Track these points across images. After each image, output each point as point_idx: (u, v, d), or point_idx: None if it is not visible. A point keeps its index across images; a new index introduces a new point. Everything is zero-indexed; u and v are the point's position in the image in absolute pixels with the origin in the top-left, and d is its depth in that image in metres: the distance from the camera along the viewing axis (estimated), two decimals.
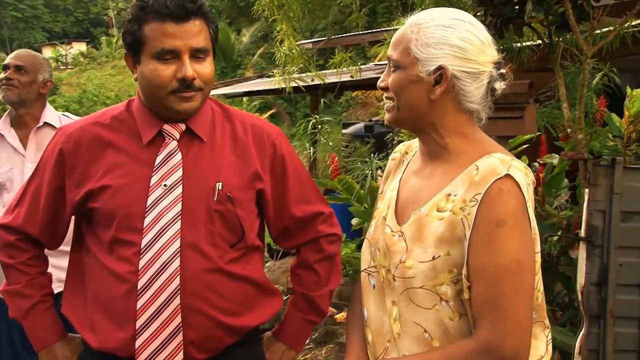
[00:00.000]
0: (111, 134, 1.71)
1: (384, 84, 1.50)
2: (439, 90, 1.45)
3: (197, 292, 1.63)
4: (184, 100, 1.63)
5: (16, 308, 1.77)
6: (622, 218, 2.87)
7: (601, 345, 2.88)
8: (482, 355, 1.35)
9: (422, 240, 1.43)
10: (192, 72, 1.60)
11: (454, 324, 1.41)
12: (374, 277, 1.56)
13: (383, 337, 1.51)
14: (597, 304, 2.87)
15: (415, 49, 1.43)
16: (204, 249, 1.65)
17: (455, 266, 1.40)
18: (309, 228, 1.86)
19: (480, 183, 1.39)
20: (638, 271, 2.91)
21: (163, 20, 1.59)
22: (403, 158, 1.67)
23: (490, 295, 1.35)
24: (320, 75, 4.62)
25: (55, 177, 1.72)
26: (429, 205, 1.46)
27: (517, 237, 1.37)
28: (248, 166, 1.73)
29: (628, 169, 2.89)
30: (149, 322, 1.60)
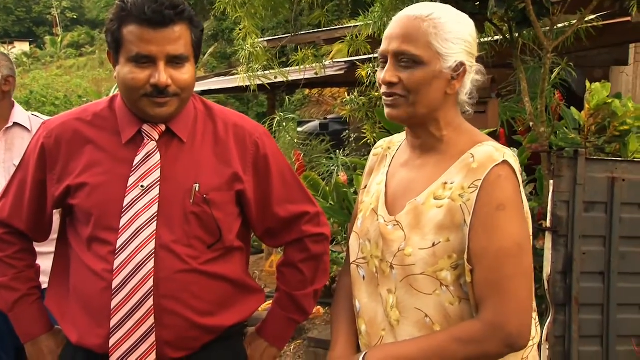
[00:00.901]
0: (92, 130, 1.69)
1: (396, 79, 1.44)
2: (458, 85, 1.48)
3: (171, 294, 1.62)
4: (157, 106, 1.61)
5: (2, 300, 1.76)
6: (585, 208, 2.95)
7: (567, 331, 2.95)
8: (488, 335, 1.38)
9: (421, 228, 1.45)
10: (165, 79, 1.57)
11: (455, 308, 1.44)
12: (363, 268, 1.57)
13: (377, 326, 1.52)
14: (562, 292, 2.94)
15: (436, 43, 1.43)
16: (179, 250, 1.63)
17: (455, 252, 1.42)
18: (294, 228, 1.84)
19: (478, 170, 1.42)
20: (600, 259, 2.99)
21: (140, 25, 1.56)
22: (386, 153, 1.68)
23: (493, 278, 1.38)
24: (283, 72, 4.60)
25: (38, 171, 1.71)
26: (426, 194, 1.48)
27: (516, 220, 1.41)
28: (227, 167, 1.71)
29: (590, 160, 2.96)
30: (123, 321, 1.59)
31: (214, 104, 1.85)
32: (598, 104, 3.41)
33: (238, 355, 1.82)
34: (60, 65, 31.31)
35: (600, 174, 2.96)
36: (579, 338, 2.96)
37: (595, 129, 3.48)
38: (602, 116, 3.49)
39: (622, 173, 2.99)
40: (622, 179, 2.98)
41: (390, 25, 1.50)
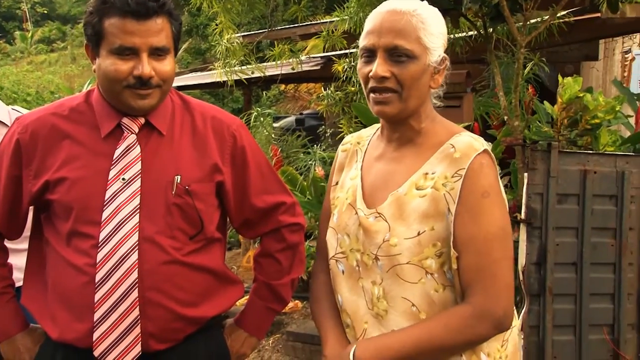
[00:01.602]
0: (69, 125, 1.67)
1: (388, 73, 1.45)
2: (440, 79, 1.52)
3: (155, 285, 1.61)
4: (139, 97, 1.60)
5: None
6: (558, 200, 2.99)
7: (541, 321, 2.99)
8: (478, 318, 1.40)
9: (405, 218, 1.46)
10: (149, 71, 1.57)
11: (439, 295, 1.46)
12: (342, 263, 1.57)
13: (360, 319, 1.53)
14: (537, 283, 2.98)
15: (425, 38, 1.45)
16: (162, 242, 1.63)
17: (439, 240, 1.44)
18: (271, 218, 1.86)
19: (461, 159, 1.44)
20: (573, 250, 3.03)
21: (123, 17, 1.55)
22: (356, 148, 1.69)
23: (482, 263, 1.41)
24: (260, 67, 4.59)
25: (12, 168, 1.68)
26: (407, 185, 1.49)
27: (500, 206, 1.46)
28: (207, 158, 1.71)
29: (562, 153, 3.00)
30: (107, 315, 1.58)
31: (190, 97, 1.85)
32: (570, 98, 3.45)
33: (219, 346, 1.83)
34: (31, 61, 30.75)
35: (572, 167, 3.01)
36: (553, 327, 3.00)
37: (568, 122, 3.53)
38: (574, 110, 3.53)
39: (593, 165, 3.04)
40: (593, 171, 3.03)
41: (374, 19, 1.50)
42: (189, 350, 1.72)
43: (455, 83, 3.42)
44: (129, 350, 1.61)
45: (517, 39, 3.28)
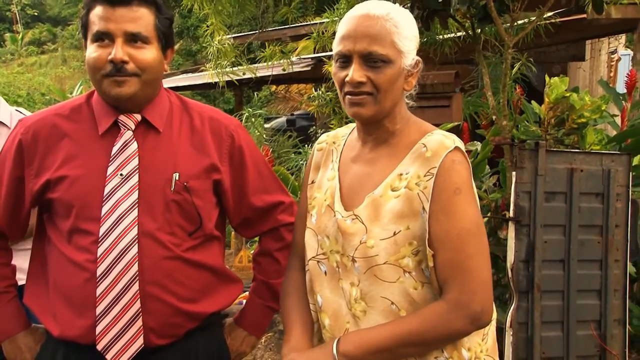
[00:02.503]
0: (69, 124, 1.70)
1: (364, 78, 1.46)
2: (414, 81, 1.54)
3: (156, 280, 1.63)
4: (116, 85, 1.61)
5: None
6: (546, 198, 3.01)
7: (529, 318, 3.00)
8: (454, 313, 1.41)
9: (380, 219, 1.47)
10: (121, 55, 1.58)
11: (418, 292, 1.47)
12: (324, 264, 1.58)
13: (342, 318, 1.53)
14: (525, 280, 3.00)
15: (399, 42, 1.46)
16: (161, 237, 1.65)
17: (415, 238, 1.45)
18: (269, 217, 1.87)
19: (432, 158, 1.45)
20: (560, 247, 3.05)
21: (102, 4, 1.60)
22: (331, 148, 1.69)
23: (456, 259, 1.42)
24: (252, 68, 4.60)
25: (15, 168, 1.70)
26: (382, 187, 1.50)
27: (472, 202, 1.47)
28: (205, 157, 1.73)
29: (550, 152, 3.02)
30: (108, 309, 1.59)
31: (188, 99, 1.86)
32: (557, 97, 3.47)
33: (219, 344, 1.84)
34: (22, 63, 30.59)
35: (559, 165, 3.03)
36: (541, 324, 3.02)
37: (555, 121, 3.54)
38: (561, 109, 3.55)
39: (580, 164, 3.06)
40: (580, 170, 3.05)
41: (348, 23, 1.49)
42: (189, 348, 1.73)
43: (445, 83, 3.44)
44: (131, 344, 1.62)
45: (505, 39, 3.30)
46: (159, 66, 1.70)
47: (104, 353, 1.61)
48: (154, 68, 1.67)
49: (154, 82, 1.71)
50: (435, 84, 1.92)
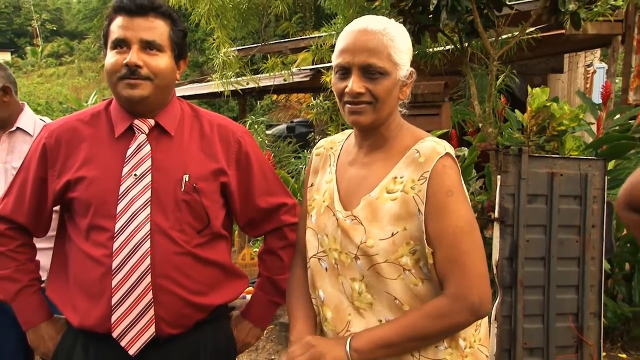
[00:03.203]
0: (89, 129, 1.70)
1: (363, 89, 1.45)
2: (408, 91, 1.53)
3: (166, 273, 1.62)
4: (130, 87, 1.61)
5: (5, 291, 1.75)
6: (528, 200, 3.00)
7: (513, 311, 2.99)
8: (455, 307, 1.41)
9: (378, 221, 1.46)
10: (135, 59, 1.59)
11: (419, 288, 1.46)
12: (324, 261, 1.57)
13: (344, 312, 1.52)
14: (509, 276, 2.98)
15: (395, 55, 1.46)
16: (172, 234, 1.64)
17: (412, 238, 1.44)
18: (273, 218, 1.86)
19: (425, 163, 1.45)
20: (542, 246, 3.04)
21: (120, 15, 1.63)
22: (329, 153, 1.68)
23: (452, 255, 1.42)
24: (254, 79, 4.59)
25: (39, 169, 1.71)
26: (378, 189, 1.49)
27: (464, 202, 1.46)
28: (213, 161, 1.72)
29: (532, 157, 3.02)
30: (122, 299, 1.59)
31: (199, 107, 1.86)
32: (538, 107, 3.47)
33: (227, 336, 1.83)
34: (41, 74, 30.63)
35: (541, 170, 3.02)
36: (523, 317, 3.01)
37: (536, 129, 3.55)
38: (542, 118, 3.55)
39: (559, 168, 3.06)
40: (559, 174, 3.05)
41: (347, 37, 1.48)
42: (199, 338, 1.72)
43: (434, 93, 3.43)
44: (144, 332, 1.61)
45: (490, 52, 3.30)
46: (171, 74, 1.70)
47: (119, 340, 1.60)
48: (166, 74, 1.67)
49: (165, 88, 1.70)
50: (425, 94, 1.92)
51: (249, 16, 4.32)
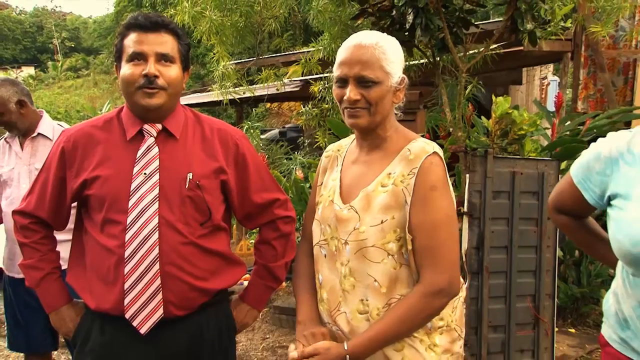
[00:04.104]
0: (102, 133, 1.69)
1: (359, 96, 1.46)
2: (401, 96, 1.53)
3: (173, 261, 1.61)
4: (147, 96, 1.60)
5: (30, 278, 1.76)
6: (493, 196, 3.00)
7: (479, 294, 3.00)
8: (428, 294, 1.42)
9: (371, 210, 1.46)
10: (154, 70, 1.59)
11: (397, 272, 1.46)
12: (325, 248, 1.57)
13: (336, 293, 1.52)
14: (476, 263, 2.99)
15: (386, 66, 1.46)
16: (178, 226, 1.63)
17: (399, 227, 1.44)
18: (268, 212, 1.84)
19: (414, 160, 1.45)
20: (504, 236, 3.05)
21: (135, 31, 1.61)
22: (336, 155, 1.68)
23: (430, 244, 1.42)
24: (250, 89, 4.56)
25: (58, 170, 1.70)
26: (374, 184, 1.49)
27: (446, 197, 1.45)
28: (214, 161, 1.71)
29: (496, 158, 3.01)
30: (134, 285, 1.59)
31: (201, 113, 1.85)
32: (501, 114, 3.47)
33: (227, 317, 1.82)
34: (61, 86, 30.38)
35: (504, 169, 3.03)
36: (489, 299, 3.01)
37: (500, 133, 3.55)
38: (505, 123, 3.55)
39: (520, 168, 3.06)
40: (520, 173, 3.05)
41: (345, 51, 1.50)
42: (202, 320, 1.71)
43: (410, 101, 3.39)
44: (153, 314, 1.60)
45: (459, 66, 3.29)
46: (181, 83, 1.69)
47: (131, 321, 1.59)
48: (178, 84, 1.66)
49: (176, 95, 1.69)
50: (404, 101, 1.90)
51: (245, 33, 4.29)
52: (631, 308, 1.41)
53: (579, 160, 1.54)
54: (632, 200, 1.36)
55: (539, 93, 8.77)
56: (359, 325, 1.47)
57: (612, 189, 1.43)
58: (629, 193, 1.37)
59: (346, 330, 1.49)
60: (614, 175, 1.42)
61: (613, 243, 1.39)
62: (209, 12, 4.08)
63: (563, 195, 1.61)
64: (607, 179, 1.45)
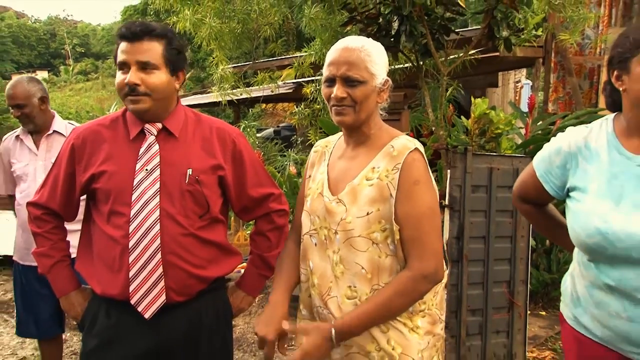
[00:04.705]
0: (108, 132, 1.68)
1: (345, 94, 1.45)
2: (385, 96, 1.51)
3: (173, 251, 1.60)
4: (132, 102, 1.59)
5: (42, 265, 1.76)
6: (472, 190, 2.98)
7: (459, 280, 2.98)
8: (417, 279, 1.40)
9: (357, 202, 1.45)
10: (133, 79, 1.55)
11: (382, 260, 1.44)
12: (315, 237, 1.55)
13: (327, 279, 1.50)
14: (456, 252, 2.97)
15: (370, 67, 1.45)
16: (178, 219, 1.62)
17: (384, 218, 1.42)
18: (263, 205, 1.83)
19: (398, 156, 1.43)
20: (482, 227, 3.03)
21: (121, 40, 1.60)
22: (324, 150, 1.66)
23: (415, 235, 1.40)
24: (247, 91, 4.51)
25: (68, 165, 1.69)
26: (360, 177, 1.48)
27: (429, 191, 1.43)
28: (212, 157, 1.69)
29: (475, 155, 2.99)
30: (138, 273, 1.58)
31: (201, 113, 1.82)
32: (480, 114, 3.46)
33: (224, 302, 1.81)
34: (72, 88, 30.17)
35: (482, 165, 3.01)
36: (468, 285, 3.00)
37: (478, 132, 3.54)
38: (483, 123, 3.54)
39: (497, 164, 3.05)
40: (497, 168, 3.04)
41: (333, 53, 1.49)
42: (201, 306, 1.70)
43: (396, 102, 3.38)
44: (157, 299, 1.59)
45: (441, 69, 3.27)
46: (168, 87, 1.64)
47: (136, 306, 1.59)
48: (162, 89, 1.61)
49: (164, 99, 1.65)
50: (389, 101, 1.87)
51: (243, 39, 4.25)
52: (584, 288, 1.44)
53: (541, 154, 1.56)
54: (588, 193, 1.38)
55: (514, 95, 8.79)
56: (348, 310, 1.45)
57: (571, 182, 1.45)
58: (586, 187, 1.39)
59: (337, 315, 1.47)
60: (572, 170, 1.45)
61: (571, 232, 1.42)
62: (208, 19, 4.04)
63: (526, 185, 1.62)
64: (567, 173, 1.46)
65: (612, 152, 1.38)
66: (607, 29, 5.94)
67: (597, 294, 1.39)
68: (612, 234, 1.29)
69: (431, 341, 1.47)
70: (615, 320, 1.35)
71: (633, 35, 1.33)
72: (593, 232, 1.33)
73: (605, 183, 1.35)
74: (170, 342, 1.64)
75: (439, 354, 1.50)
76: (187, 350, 1.66)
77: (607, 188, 1.34)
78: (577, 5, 3.70)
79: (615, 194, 1.32)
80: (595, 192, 1.36)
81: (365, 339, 1.44)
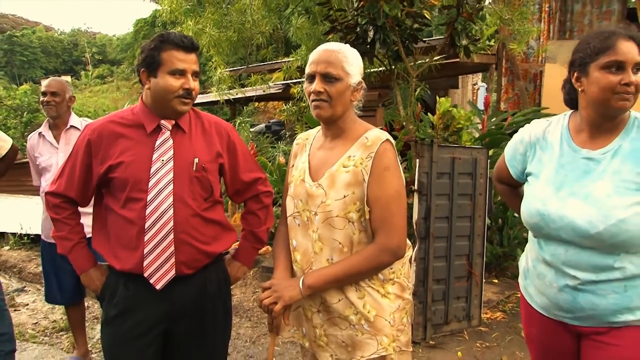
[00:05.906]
0: (122, 128, 1.64)
1: (322, 89, 1.42)
2: (358, 95, 1.47)
3: (184, 230, 1.59)
4: (184, 104, 1.60)
5: (63, 247, 1.73)
6: (437, 177, 2.95)
7: (426, 254, 2.95)
8: (380, 251, 1.39)
9: (335, 186, 1.42)
10: (194, 86, 1.59)
11: (356, 236, 1.43)
12: (298, 219, 1.52)
13: (308, 255, 1.48)
14: (424, 230, 2.94)
15: (347, 67, 1.43)
16: (188, 202, 1.61)
17: (358, 200, 1.40)
18: (252, 188, 1.82)
19: (371, 146, 1.40)
20: (446, 209, 3.00)
21: (178, 50, 1.56)
22: (305, 142, 1.63)
23: (383, 215, 1.39)
24: (242, 91, 4.40)
25: (85, 157, 1.65)
26: (337, 165, 1.44)
27: (397, 176, 1.41)
28: (213, 148, 1.69)
29: (440, 146, 2.96)
30: (152, 250, 1.56)
31: (199, 110, 1.79)
32: (443, 111, 3.41)
33: (223, 272, 1.79)
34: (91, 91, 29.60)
35: (446, 155, 2.98)
36: (434, 258, 2.98)
37: (442, 127, 3.50)
38: (446, 119, 3.50)
39: (459, 154, 3.02)
40: (459, 158, 3.01)
41: (315, 54, 1.46)
42: (205, 276, 1.68)
43: (371, 100, 3.32)
44: (167, 273, 1.58)
45: (410, 72, 3.22)
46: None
47: (149, 278, 1.57)
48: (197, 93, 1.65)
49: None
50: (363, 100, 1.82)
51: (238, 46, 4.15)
52: (531, 260, 1.45)
53: (510, 142, 1.56)
54: (539, 179, 1.39)
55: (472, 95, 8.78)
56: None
57: (529, 169, 1.46)
58: (539, 173, 1.39)
59: None
60: (531, 157, 1.45)
61: (521, 211, 1.43)
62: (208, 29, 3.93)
63: (500, 169, 1.63)
64: (526, 160, 1.46)
65: (563, 144, 1.37)
66: (546, 41, 5.99)
67: (539, 266, 1.40)
68: (547, 216, 1.31)
69: (401, 305, 1.46)
70: (549, 289, 1.36)
71: (593, 42, 1.30)
72: (534, 213, 1.34)
73: (553, 171, 1.35)
74: (180, 308, 1.63)
75: (408, 315, 1.50)
76: (194, 316, 1.65)
77: (554, 176, 1.34)
78: (522, 21, 3.74)
79: (558, 182, 1.33)
80: (544, 179, 1.36)
81: (344, 305, 1.42)
